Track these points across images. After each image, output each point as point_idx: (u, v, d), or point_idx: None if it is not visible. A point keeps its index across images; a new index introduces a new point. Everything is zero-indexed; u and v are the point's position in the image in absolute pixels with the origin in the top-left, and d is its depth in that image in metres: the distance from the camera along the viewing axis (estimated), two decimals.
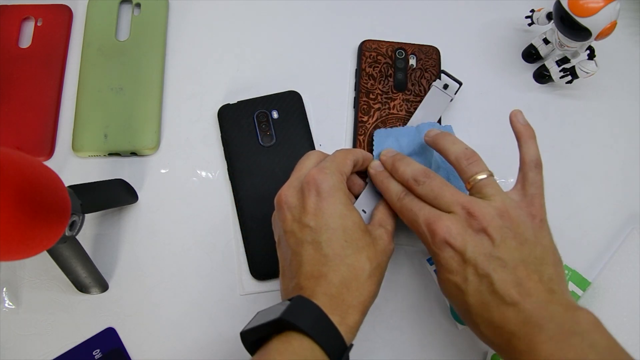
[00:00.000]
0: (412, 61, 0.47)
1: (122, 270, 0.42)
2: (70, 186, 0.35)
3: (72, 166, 0.44)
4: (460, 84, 0.45)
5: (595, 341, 0.28)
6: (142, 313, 0.41)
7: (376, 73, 0.46)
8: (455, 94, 0.45)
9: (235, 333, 0.40)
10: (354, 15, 0.50)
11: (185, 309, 0.41)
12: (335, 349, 0.29)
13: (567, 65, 0.46)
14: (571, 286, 0.41)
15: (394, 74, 0.46)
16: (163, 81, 0.47)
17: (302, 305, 0.30)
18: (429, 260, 0.42)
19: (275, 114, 0.45)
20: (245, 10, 0.50)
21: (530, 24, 0.48)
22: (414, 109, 0.45)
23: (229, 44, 0.49)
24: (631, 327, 0.40)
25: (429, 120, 0.44)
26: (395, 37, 0.48)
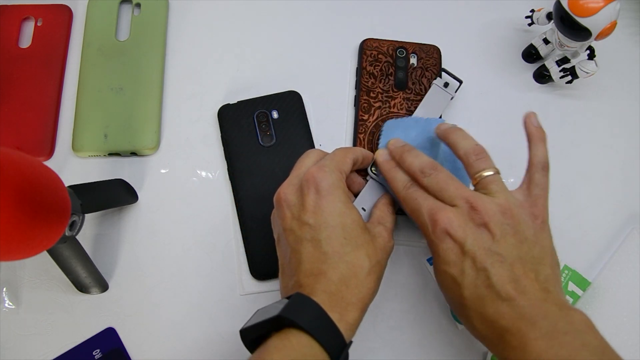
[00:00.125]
0: (413, 60, 0.47)
1: (122, 270, 0.42)
2: (70, 186, 0.35)
3: (72, 166, 0.44)
4: (460, 82, 0.45)
5: (588, 341, 0.28)
6: (142, 313, 0.41)
7: (377, 72, 0.46)
8: (456, 92, 0.45)
9: (235, 333, 0.40)
10: (354, 15, 0.50)
11: (185, 309, 0.41)
12: (335, 346, 0.29)
13: (567, 65, 0.46)
14: (571, 286, 0.41)
15: (395, 73, 0.46)
16: (163, 81, 0.47)
17: (301, 303, 0.30)
18: (429, 260, 0.42)
19: (275, 114, 0.45)
20: (245, 10, 0.50)
21: (530, 24, 0.48)
22: (414, 107, 0.45)
23: (229, 44, 0.49)
24: (631, 327, 0.40)
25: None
26: (395, 37, 0.48)
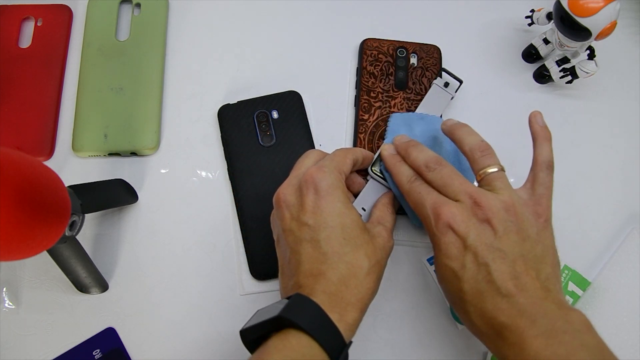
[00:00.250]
0: (413, 60, 0.47)
1: (122, 270, 0.42)
2: (70, 186, 0.35)
3: (72, 166, 0.44)
4: (460, 82, 0.45)
5: (586, 341, 0.29)
6: (142, 313, 0.41)
7: (377, 71, 0.46)
8: (456, 92, 0.45)
9: (235, 333, 0.40)
10: (354, 15, 0.50)
11: (185, 309, 0.41)
12: (334, 346, 0.29)
13: (567, 65, 0.46)
14: (571, 286, 0.41)
15: (395, 73, 0.46)
16: (163, 81, 0.47)
17: (301, 303, 0.30)
18: (429, 260, 0.42)
19: (275, 114, 0.45)
20: (245, 10, 0.50)
21: (530, 24, 0.48)
22: (414, 107, 0.45)
23: (229, 44, 0.49)
24: (631, 327, 0.40)
25: None
26: (395, 37, 0.48)
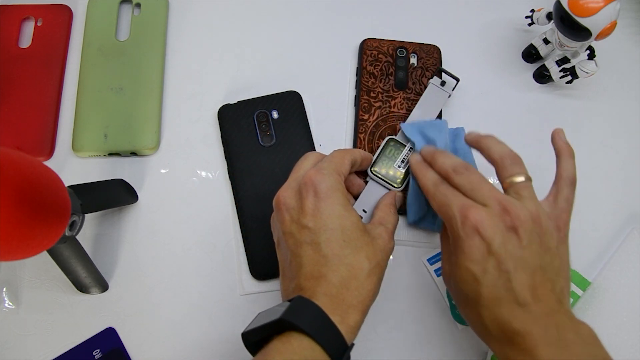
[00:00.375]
0: (413, 60, 0.47)
1: (122, 270, 0.42)
2: (70, 186, 0.35)
3: (72, 166, 0.44)
4: (457, 80, 0.45)
5: (595, 353, 0.30)
6: (142, 313, 0.41)
7: (377, 71, 0.46)
8: (453, 90, 0.45)
9: (235, 333, 0.40)
10: (354, 15, 0.50)
11: (185, 309, 0.41)
12: (336, 348, 0.29)
13: (567, 65, 0.46)
14: (571, 286, 0.41)
15: (395, 73, 0.46)
16: (163, 81, 0.47)
17: (302, 306, 0.30)
18: (429, 260, 0.42)
19: (275, 114, 0.45)
20: (245, 10, 0.50)
21: (530, 24, 0.48)
22: (415, 107, 0.45)
23: (229, 44, 0.49)
24: (631, 327, 0.40)
25: (428, 118, 0.44)
26: (395, 37, 0.48)
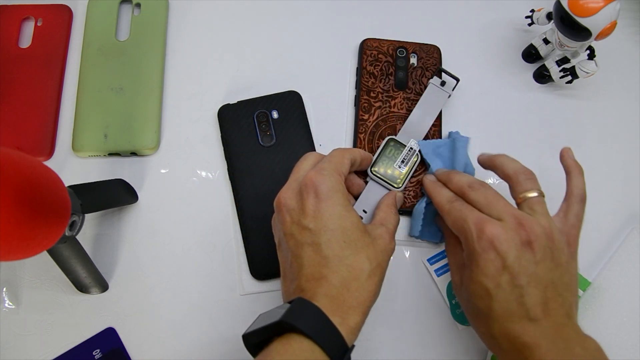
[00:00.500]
0: (413, 60, 0.47)
1: (122, 270, 0.42)
2: (70, 186, 0.35)
3: (72, 166, 0.44)
4: (457, 80, 0.45)
5: None
6: (142, 313, 0.41)
7: (377, 71, 0.46)
8: (453, 90, 0.45)
9: (235, 333, 0.40)
10: (354, 15, 0.50)
11: (185, 309, 0.41)
12: (336, 350, 0.29)
13: (567, 65, 0.46)
14: None
15: (395, 73, 0.46)
16: (163, 81, 0.47)
17: (303, 307, 0.30)
18: (429, 260, 0.42)
19: (275, 114, 0.45)
20: (245, 10, 0.50)
21: (530, 24, 0.48)
22: (415, 107, 0.45)
23: (229, 44, 0.49)
24: (631, 327, 0.40)
25: (429, 118, 0.44)
26: (395, 37, 0.48)
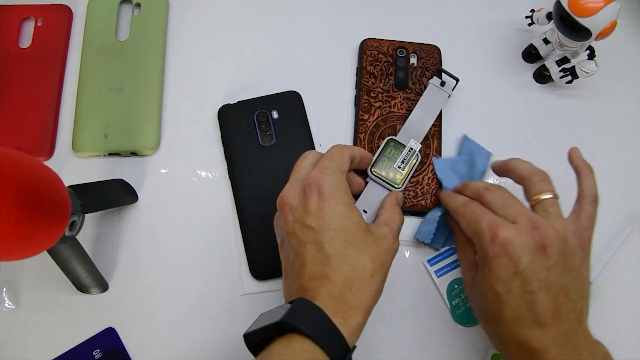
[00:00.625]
0: (413, 60, 0.47)
1: (122, 270, 0.42)
2: (70, 186, 0.35)
3: (72, 166, 0.44)
4: (457, 80, 0.45)
5: None
6: (142, 313, 0.41)
7: (377, 71, 0.46)
8: (453, 90, 0.45)
9: (235, 333, 0.40)
10: (354, 15, 0.50)
11: (185, 309, 0.41)
12: (338, 351, 0.29)
13: (567, 65, 0.46)
14: None
15: (395, 73, 0.46)
16: (163, 81, 0.47)
17: (304, 308, 0.30)
18: (429, 261, 0.42)
19: (275, 114, 0.45)
20: (245, 10, 0.50)
21: (530, 24, 0.48)
22: (414, 107, 0.45)
23: (229, 44, 0.49)
24: (631, 327, 0.40)
25: (429, 118, 0.44)
26: (395, 37, 0.48)
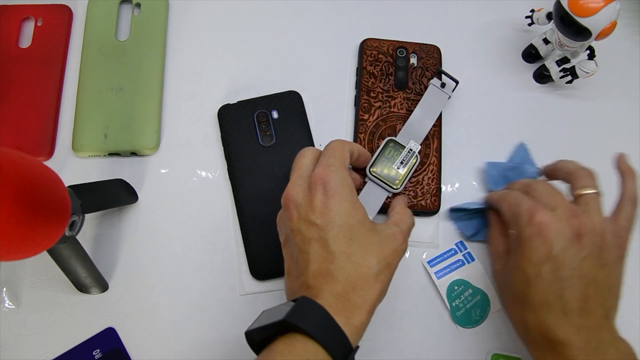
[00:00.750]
0: (413, 60, 0.47)
1: (122, 270, 0.42)
2: (70, 186, 0.35)
3: (72, 166, 0.44)
4: (457, 82, 0.45)
5: None
6: (142, 313, 0.41)
7: (377, 71, 0.46)
8: (453, 91, 0.45)
9: (235, 333, 0.40)
10: (354, 15, 0.50)
11: (185, 309, 0.41)
12: (340, 351, 0.29)
13: (567, 65, 0.46)
14: None
15: (395, 73, 0.46)
16: (163, 81, 0.47)
17: (307, 307, 0.30)
18: (429, 262, 0.42)
19: (275, 114, 0.45)
20: (245, 10, 0.50)
21: (530, 24, 0.48)
22: (414, 107, 0.45)
23: (229, 44, 0.49)
24: (631, 327, 0.40)
25: (429, 119, 0.44)
26: (395, 37, 0.48)
